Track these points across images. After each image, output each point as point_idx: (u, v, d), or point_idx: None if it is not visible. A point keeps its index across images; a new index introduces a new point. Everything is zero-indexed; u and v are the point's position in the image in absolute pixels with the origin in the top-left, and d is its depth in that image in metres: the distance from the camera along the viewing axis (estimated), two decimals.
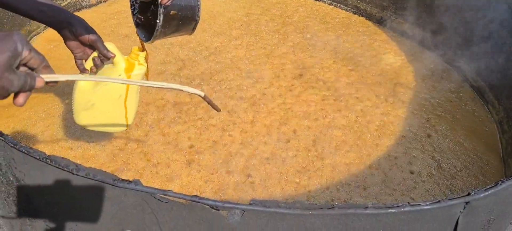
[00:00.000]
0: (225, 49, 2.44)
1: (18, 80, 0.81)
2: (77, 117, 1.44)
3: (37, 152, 1.05)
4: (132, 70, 1.38)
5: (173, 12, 1.26)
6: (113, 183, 0.99)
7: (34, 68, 0.88)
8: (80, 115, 1.44)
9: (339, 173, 1.74)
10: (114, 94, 1.40)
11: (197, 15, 1.31)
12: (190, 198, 0.98)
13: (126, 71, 1.38)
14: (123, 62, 1.38)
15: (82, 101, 1.42)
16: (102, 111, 1.44)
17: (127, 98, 1.43)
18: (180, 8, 1.27)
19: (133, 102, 1.47)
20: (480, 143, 1.98)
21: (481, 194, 1.08)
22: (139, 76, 1.40)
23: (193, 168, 1.69)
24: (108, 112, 1.44)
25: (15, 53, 0.79)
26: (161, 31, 1.28)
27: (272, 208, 0.98)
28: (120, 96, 1.40)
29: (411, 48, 2.66)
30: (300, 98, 2.11)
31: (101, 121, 1.46)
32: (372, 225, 1.04)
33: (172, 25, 1.30)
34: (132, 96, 1.44)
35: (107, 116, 1.46)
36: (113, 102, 1.42)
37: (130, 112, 1.47)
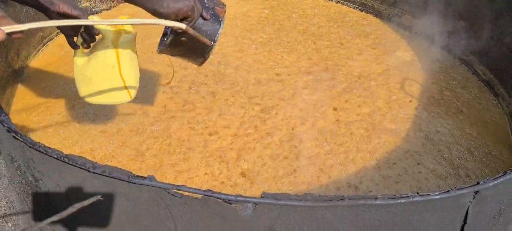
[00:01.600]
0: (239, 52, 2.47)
1: None
2: (80, 92, 1.45)
3: (55, 151, 1.08)
4: (119, 38, 1.39)
5: (184, 40, 1.30)
6: (129, 179, 1.02)
7: None
8: (81, 90, 1.44)
9: (349, 166, 1.76)
10: (106, 65, 1.40)
11: (207, 53, 1.36)
12: (203, 193, 1.00)
13: (113, 41, 1.39)
14: (111, 33, 1.38)
15: (80, 77, 1.42)
16: (100, 84, 1.44)
17: (121, 68, 1.42)
18: (192, 39, 1.30)
19: (131, 72, 1.45)
20: (490, 135, 1.98)
21: (490, 183, 1.10)
22: (128, 43, 1.41)
23: (216, 167, 1.72)
24: (105, 84, 1.44)
25: None
26: (167, 49, 1.33)
27: (283, 200, 1.00)
28: (113, 67, 1.40)
29: (420, 43, 2.66)
30: (309, 95, 2.13)
31: (101, 93, 1.46)
32: (382, 215, 1.06)
33: (179, 49, 1.35)
34: (127, 65, 1.43)
35: (105, 89, 1.45)
36: (107, 74, 1.41)
37: (129, 81, 1.45)
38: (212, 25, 1.32)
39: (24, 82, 2.14)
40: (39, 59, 2.32)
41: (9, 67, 2.04)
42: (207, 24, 1.31)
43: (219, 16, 1.34)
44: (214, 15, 1.33)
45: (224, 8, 1.39)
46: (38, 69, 2.24)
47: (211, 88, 2.14)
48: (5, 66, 1.99)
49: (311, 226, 1.05)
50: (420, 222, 1.11)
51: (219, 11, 1.35)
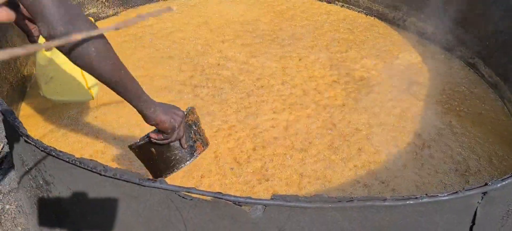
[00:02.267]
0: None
1: None
2: (40, 90, 1.46)
3: (67, 155, 1.09)
4: None
5: (152, 150, 1.29)
6: (139, 182, 1.03)
7: None
8: (43, 88, 1.46)
9: (357, 168, 1.76)
10: (68, 65, 1.41)
11: (166, 173, 1.34)
12: (213, 195, 1.01)
13: None
14: None
15: (42, 75, 1.43)
16: (61, 83, 1.45)
17: None
18: (160, 154, 1.30)
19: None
20: (496, 137, 1.99)
21: (498, 184, 1.10)
22: None
23: (228, 173, 1.73)
24: (67, 83, 1.46)
25: None
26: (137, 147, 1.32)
27: (292, 202, 1.01)
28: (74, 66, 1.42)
29: (425, 46, 2.67)
30: (317, 96, 2.14)
31: (63, 92, 1.47)
32: (391, 216, 1.06)
33: (145, 156, 1.34)
34: None
35: (67, 87, 1.47)
36: (69, 74, 1.42)
37: (90, 81, 1.47)
38: (184, 154, 1.32)
39: (33, 87, 2.16)
40: None
41: (18, 72, 2.06)
42: (180, 151, 1.31)
43: (195, 151, 1.34)
44: (192, 148, 1.33)
45: (205, 148, 1.38)
46: None
47: (223, 93, 2.16)
48: (14, 71, 2.02)
49: (321, 227, 1.06)
50: (429, 224, 1.12)
51: (198, 147, 1.35)
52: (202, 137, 1.38)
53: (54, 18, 0.94)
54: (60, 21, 0.94)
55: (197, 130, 1.36)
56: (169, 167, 1.32)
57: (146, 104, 1.15)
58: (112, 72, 1.05)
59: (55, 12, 0.94)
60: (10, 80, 1.95)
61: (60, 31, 0.94)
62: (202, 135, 1.39)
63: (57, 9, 0.94)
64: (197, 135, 1.36)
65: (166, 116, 1.20)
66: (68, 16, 0.95)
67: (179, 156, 1.31)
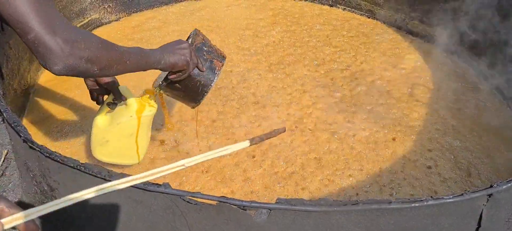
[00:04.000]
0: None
1: None
2: (93, 151, 1.56)
3: (71, 160, 1.10)
4: (143, 111, 1.48)
5: (177, 86, 1.36)
6: (144, 187, 1.04)
7: None
8: (96, 150, 1.55)
9: (360, 171, 1.76)
10: (126, 132, 1.50)
11: (199, 100, 1.42)
12: (218, 199, 1.01)
13: (137, 113, 1.48)
14: (136, 104, 1.47)
15: (98, 138, 1.52)
16: (115, 147, 1.54)
17: (138, 136, 1.52)
18: (186, 87, 1.37)
19: (144, 139, 1.56)
20: (500, 139, 1.98)
21: (503, 186, 1.09)
22: (149, 117, 1.51)
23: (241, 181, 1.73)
24: (120, 148, 1.55)
25: None
26: (163, 89, 1.40)
27: (297, 206, 1.01)
28: (131, 134, 1.50)
29: (428, 49, 2.66)
30: (320, 100, 2.14)
31: (114, 155, 1.57)
32: (396, 219, 1.06)
33: (174, 93, 1.42)
34: (143, 134, 1.53)
35: (119, 152, 1.56)
36: (125, 140, 1.51)
37: (141, 148, 1.56)
38: (207, 77, 1.37)
39: (36, 93, 2.17)
40: (49, 74, 2.34)
41: (22, 79, 2.07)
42: (202, 75, 1.36)
43: (215, 68, 1.39)
44: (211, 68, 1.38)
45: (223, 61, 1.43)
46: (49, 80, 2.27)
47: (224, 98, 2.16)
48: (18, 77, 2.02)
49: None
50: (435, 226, 1.11)
51: (216, 64, 1.40)
52: (215, 53, 1.42)
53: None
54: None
55: (208, 50, 1.40)
56: (198, 93, 1.39)
57: (155, 63, 1.20)
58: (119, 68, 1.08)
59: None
60: (15, 86, 1.96)
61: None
62: (215, 51, 1.42)
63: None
64: (210, 53, 1.39)
65: (174, 56, 1.24)
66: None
67: (203, 80, 1.37)
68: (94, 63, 1.00)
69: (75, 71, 0.98)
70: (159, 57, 1.21)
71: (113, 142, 1.52)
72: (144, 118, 1.48)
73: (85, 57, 0.97)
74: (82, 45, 0.96)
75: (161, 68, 1.23)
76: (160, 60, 1.21)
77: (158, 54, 1.21)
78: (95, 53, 0.99)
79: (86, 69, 0.99)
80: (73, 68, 0.96)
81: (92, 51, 0.99)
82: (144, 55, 1.16)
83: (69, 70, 0.96)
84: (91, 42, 0.99)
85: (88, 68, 0.99)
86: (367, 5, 3.01)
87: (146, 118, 1.49)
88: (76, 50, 0.95)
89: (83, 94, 2.13)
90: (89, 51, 0.98)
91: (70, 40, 0.94)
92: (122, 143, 1.53)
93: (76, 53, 0.95)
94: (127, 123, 1.48)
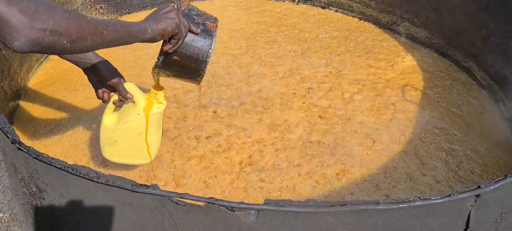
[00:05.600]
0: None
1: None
2: (103, 151, 1.53)
3: (59, 161, 1.09)
4: (151, 108, 1.44)
5: (175, 58, 1.27)
6: (132, 188, 1.03)
7: None
8: (105, 149, 1.52)
9: (351, 173, 1.76)
10: (134, 131, 1.46)
11: (202, 69, 1.31)
12: (206, 200, 1.01)
13: (145, 110, 1.44)
14: (143, 101, 1.43)
15: (106, 138, 1.49)
16: (124, 147, 1.50)
17: (148, 134, 1.48)
18: (184, 57, 1.27)
19: (155, 138, 1.52)
20: (490, 140, 1.99)
21: (491, 186, 1.10)
22: (158, 115, 1.46)
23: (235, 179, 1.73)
24: (130, 148, 1.51)
25: None
26: (161, 70, 1.31)
27: (286, 206, 1.01)
28: (140, 133, 1.46)
29: (419, 50, 2.68)
30: (309, 101, 2.15)
31: (124, 155, 1.53)
32: (384, 220, 1.06)
33: (173, 70, 1.32)
34: (153, 132, 1.49)
35: (129, 151, 1.52)
36: (134, 139, 1.47)
37: (152, 147, 1.52)
38: (204, 41, 1.28)
39: (26, 95, 2.16)
40: (40, 73, 2.34)
41: (12, 80, 2.06)
42: (198, 39, 1.27)
43: (210, 30, 1.29)
44: (205, 30, 1.29)
45: (216, 22, 1.34)
46: (40, 81, 2.26)
47: (219, 102, 2.16)
48: (8, 79, 2.01)
49: None
50: (423, 227, 1.12)
51: (210, 25, 1.31)
52: (206, 16, 1.34)
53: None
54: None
55: (197, 13, 1.32)
56: (199, 61, 1.29)
57: (140, 32, 1.10)
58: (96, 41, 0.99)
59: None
60: (4, 88, 1.95)
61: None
62: (205, 14, 1.34)
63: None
64: (200, 17, 1.31)
65: (162, 22, 1.15)
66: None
67: (200, 45, 1.27)
68: (62, 35, 0.90)
69: (40, 46, 0.88)
70: (143, 26, 1.11)
71: (122, 141, 1.47)
72: (152, 115, 1.44)
73: (49, 28, 0.87)
74: (45, 15, 0.86)
75: (150, 38, 1.13)
76: (146, 29, 1.11)
77: (142, 24, 1.11)
78: (60, 24, 0.89)
79: (52, 42, 0.89)
80: (36, 42, 0.86)
81: (57, 21, 0.88)
82: (125, 25, 1.07)
83: (33, 44, 0.86)
84: (56, 12, 0.88)
85: (55, 41, 0.89)
86: (359, 7, 3.02)
87: (154, 115, 1.45)
88: (36, 22, 0.85)
89: (75, 95, 2.13)
90: (53, 21, 0.87)
91: (30, 11, 0.84)
92: (131, 142, 1.48)
93: (38, 24, 0.85)
94: (134, 121, 1.44)
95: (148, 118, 1.43)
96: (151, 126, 1.45)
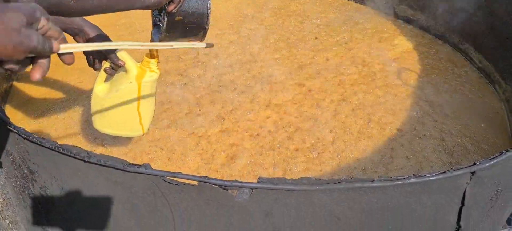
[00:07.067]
0: None
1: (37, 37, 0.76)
2: (94, 122, 1.48)
3: (49, 141, 1.08)
4: (143, 76, 1.40)
5: (179, 18, 1.26)
6: (124, 168, 1.02)
7: None
8: (96, 120, 1.48)
9: (344, 155, 1.76)
10: (126, 100, 1.42)
11: (205, 23, 1.31)
12: (199, 179, 1.00)
13: (137, 79, 1.40)
14: (135, 69, 1.40)
15: (97, 107, 1.45)
16: (115, 118, 1.46)
17: (140, 104, 1.44)
18: (186, 14, 1.27)
19: (148, 109, 1.48)
20: (487, 121, 1.99)
21: (486, 163, 1.09)
22: (150, 83, 1.42)
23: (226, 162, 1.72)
24: (121, 118, 1.47)
25: (33, 16, 0.76)
26: (165, 35, 1.29)
27: (279, 184, 1.00)
28: (132, 102, 1.42)
29: (416, 33, 2.66)
30: (306, 84, 2.13)
31: (115, 126, 1.49)
32: (379, 198, 1.06)
33: (177, 31, 1.30)
34: (146, 103, 1.45)
35: (121, 122, 1.48)
36: (126, 109, 1.43)
37: (144, 118, 1.48)
38: None
39: (20, 78, 2.13)
40: None
41: None
42: None
43: None
44: None
45: None
46: None
47: (213, 80, 2.14)
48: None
49: (308, 210, 1.05)
50: (418, 205, 1.11)
51: None
52: None
53: None
54: None
55: None
56: (201, 15, 1.28)
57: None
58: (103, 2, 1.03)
59: None
60: None
61: None
62: None
63: None
64: None
65: None
66: None
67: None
68: None
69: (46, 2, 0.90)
70: None
71: (113, 111, 1.43)
72: (145, 83, 1.40)
73: None
74: None
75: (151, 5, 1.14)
76: None
77: None
78: None
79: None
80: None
81: None
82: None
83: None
84: None
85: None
86: None
87: (147, 83, 1.41)
88: None
89: (68, 76, 2.11)
90: None
91: None
92: (122, 112, 1.44)
93: None
94: (126, 89, 1.40)
95: (141, 86, 1.39)
96: (143, 94, 1.41)
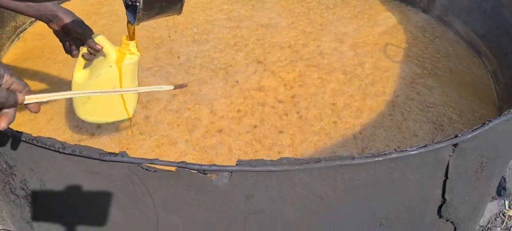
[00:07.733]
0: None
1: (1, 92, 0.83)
2: (76, 111, 1.45)
3: (24, 134, 1.06)
4: (123, 60, 1.36)
5: None
6: (100, 157, 1.00)
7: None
8: (78, 109, 1.44)
9: (330, 131, 1.74)
10: (107, 86, 1.39)
11: None
12: (177, 165, 0.98)
13: (117, 62, 1.37)
14: (114, 53, 1.36)
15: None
16: (98, 104, 1.43)
17: (123, 88, 1.40)
18: None
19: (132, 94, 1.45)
20: (474, 94, 1.98)
21: (468, 135, 1.08)
22: (131, 65, 1.39)
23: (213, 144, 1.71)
24: (105, 104, 1.44)
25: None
26: (143, 13, 1.23)
27: (258, 166, 0.99)
28: (114, 87, 1.39)
29: (401, 8, 2.64)
30: (291, 62, 2.11)
31: (99, 113, 1.46)
32: (360, 175, 1.04)
33: (155, 7, 1.25)
34: (128, 85, 1.41)
35: (104, 108, 1.45)
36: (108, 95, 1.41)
37: (129, 102, 1.45)
38: None
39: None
40: (16, 49, 2.27)
41: None
42: None
43: None
44: None
45: None
46: (15, 58, 2.19)
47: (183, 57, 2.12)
48: None
49: (290, 191, 1.04)
50: (402, 180, 1.10)
51: None
52: None
53: None
54: None
55: None
56: None
57: None
58: None
59: None
60: None
61: None
62: None
63: None
64: None
65: None
66: None
67: None
68: None
69: None
70: None
71: (95, 98, 1.40)
72: (125, 66, 1.36)
73: None
74: None
75: None
76: None
77: None
78: None
79: None
80: None
81: None
82: None
83: None
84: None
85: None
86: None
87: (128, 66, 1.37)
88: None
89: (49, 68, 2.08)
90: None
91: None
92: (105, 99, 1.41)
93: None
94: (107, 74, 1.36)
95: (121, 70, 1.36)
96: (125, 78, 1.38)
